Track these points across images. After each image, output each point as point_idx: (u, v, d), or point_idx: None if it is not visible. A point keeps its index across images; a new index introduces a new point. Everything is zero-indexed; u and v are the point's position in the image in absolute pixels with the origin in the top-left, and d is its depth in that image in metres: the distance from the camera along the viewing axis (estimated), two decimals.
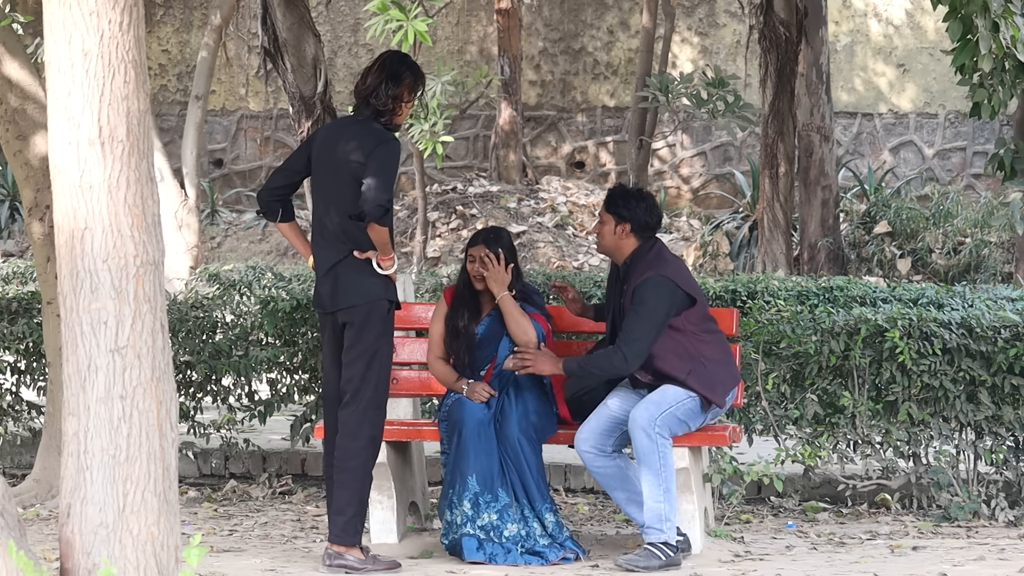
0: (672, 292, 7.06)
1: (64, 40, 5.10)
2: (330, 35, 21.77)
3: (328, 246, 7.04)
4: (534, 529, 7.13)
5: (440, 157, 14.40)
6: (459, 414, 7.20)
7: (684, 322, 7.10)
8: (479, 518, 7.10)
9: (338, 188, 7.00)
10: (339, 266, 6.99)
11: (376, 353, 6.95)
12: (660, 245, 7.25)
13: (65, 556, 5.07)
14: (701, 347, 7.11)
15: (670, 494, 6.96)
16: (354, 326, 6.96)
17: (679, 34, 21.14)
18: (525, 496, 7.15)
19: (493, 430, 7.18)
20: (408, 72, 7.13)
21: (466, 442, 7.15)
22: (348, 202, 6.95)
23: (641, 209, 7.21)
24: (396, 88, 7.08)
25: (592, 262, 18.92)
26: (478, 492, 7.12)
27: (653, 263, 7.13)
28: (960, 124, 20.78)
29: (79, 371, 5.08)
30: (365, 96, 7.12)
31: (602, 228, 7.27)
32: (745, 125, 15.05)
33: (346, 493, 6.93)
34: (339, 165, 7.02)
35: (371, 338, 6.94)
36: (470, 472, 7.12)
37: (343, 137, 7.09)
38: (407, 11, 8.47)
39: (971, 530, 7.92)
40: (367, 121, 7.08)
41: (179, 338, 9.29)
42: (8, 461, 9.75)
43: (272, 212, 7.21)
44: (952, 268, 16.97)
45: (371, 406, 6.95)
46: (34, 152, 8.73)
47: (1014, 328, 8.14)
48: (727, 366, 7.20)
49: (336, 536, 6.93)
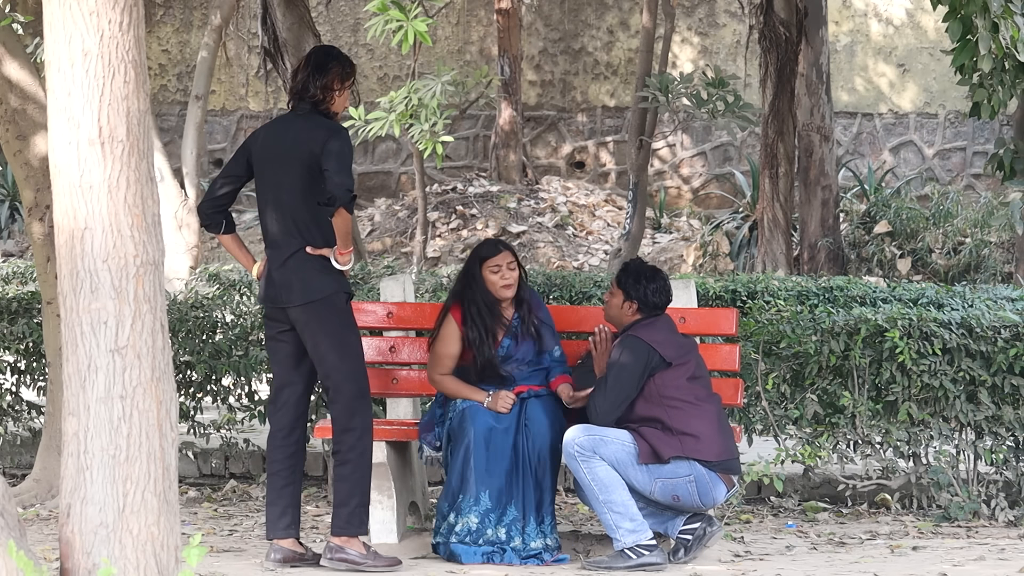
0: (646, 353, 7.05)
1: (64, 40, 5.10)
2: (330, 35, 21.76)
3: (278, 243, 7.02)
4: (534, 544, 7.13)
5: (440, 157, 14.38)
6: (471, 423, 7.17)
7: (658, 386, 7.06)
8: (484, 534, 7.10)
9: (291, 181, 6.98)
10: (291, 260, 6.97)
11: (343, 343, 6.94)
12: (660, 318, 7.25)
13: (65, 556, 5.06)
14: (672, 413, 7.04)
15: (611, 503, 6.96)
16: (312, 321, 6.93)
17: (679, 34, 21.13)
18: (535, 513, 7.13)
19: (510, 442, 7.16)
20: (334, 62, 7.16)
21: (476, 452, 7.12)
22: (305, 192, 6.94)
23: (651, 290, 7.22)
24: (323, 78, 7.10)
25: (592, 262, 18.92)
26: (489, 509, 7.10)
27: (638, 326, 7.16)
28: (960, 124, 20.77)
29: (79, 371, 5.08)
30: (298, 93, 7.14)
31: (611, 299, 7.30)
32: (745, 125, 15.04)
33: (347, 485, 6.94)
34: (289, 158, 6.99)
35: (333, 330, 6.93)
36: (483, 488, 7.09)
37: (289, 131, 7.08)
38: (407, 11, 8.47)
39: (971, 530, 7.92)
40: (308, 114, 7.09)
41: (179, 338, 9.29)
42: (8, 461, 9.75)
43: (216, 224, 7.17)
44: (952, 268, 16.96)
45: (355, 396, 6.95)
46: (34, 152, 8.73)
47: (1014, 328, 8.14)
48: (706, 440, 7.03)
49: (339, 528, 6.94)
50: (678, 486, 6.99)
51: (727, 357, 7.69)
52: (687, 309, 7.70)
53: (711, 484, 7.02)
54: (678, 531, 7.13)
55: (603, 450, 6.95)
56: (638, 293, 7.21)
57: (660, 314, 7.25)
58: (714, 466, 7.02)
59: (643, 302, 7.21)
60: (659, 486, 7.00)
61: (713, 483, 7.02)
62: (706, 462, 7.00)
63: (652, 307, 7.22)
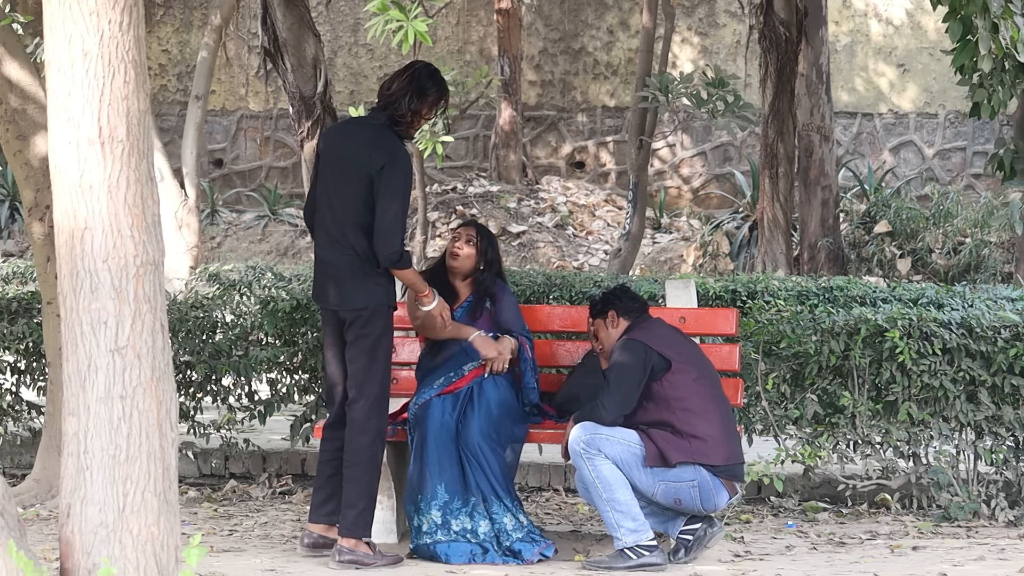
0: (643, 352, 7.05)
1: (64, 40, 5.10)
2: (330, 35, 21.77)
3: (331, 245, 7.07)
4: (505, 525, 7.15)
5: (440, 157, 14.41)
6: (424, 419, 7.25)
7: (666, 388, 7.06)
8: (451, 524, 7.14)
9: (344, 190, 7.04)
10: (344, 265, 7.02)
11: (378, 349, 7.02)
12: (653, 321, 7.25)
13: (65, 556, 5.06)
14: (682, 416, 7.03)
15: (614, 502, 6.97)
16: (356, 325, 7.03)
17: (679, 34, 21.14)
18: (493, 494, 7.18)
19: (454, 430, 7.22)
20: (434, 89, 7.15)
21: (430, 449, 7.21)
22: (352, 208, 7.01)
23: (614, 295, 7.30)
24: (419, 103, 7.11)
25: (592, 262, 18.93)
26: (447, 500, 7.18)
27: (632, 329, 7.16)
28: (960, 124, 20.78)
29: (79, 371, 5.08)
30: (386, 102, 7.12)
31: (598, 335, 7.32)
32: (745, 125, 15.04)
33: (357, 487, 7.01)
34: (347, 167, 7.05)
35: (374, 336, 7.02)
36: (438, 481, 7.19)
37: (354, 140, 7.11)
38: (407, 11, 8.47)
39: (971, 530, 7.92)
40: (381, 127, 7.09)
41: (179, 338, 9.29)
42: (8, 461, 9.75)
43: None
44: (952, 268, 16.97)
45: (377, 401, 7.04)
46: (34, 152, 8.73)
47: (1014, 328, 8.14)
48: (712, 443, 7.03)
49: (347, 530, 7.00)
50: (681, 490, 6.99)
51: (727, 357, 7.68)
52: (687, 309, 7.70)
53: (714, 490, 7.02)
54: (679, 531, 7.12)
55: (607, 449, 6.95)
56: (607, 305, 7.27)
57: (645, 315, 7.25)
58: (719, 471, 7.01)
59: (618, 307, 7.24)
60: (662, 489, 7.00)
61: (716, 490, 7.02)
62: (712, 467, 7.00)
63: (629, 305, 7.24)
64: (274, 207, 21.10)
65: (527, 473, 9.24)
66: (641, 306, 7.29)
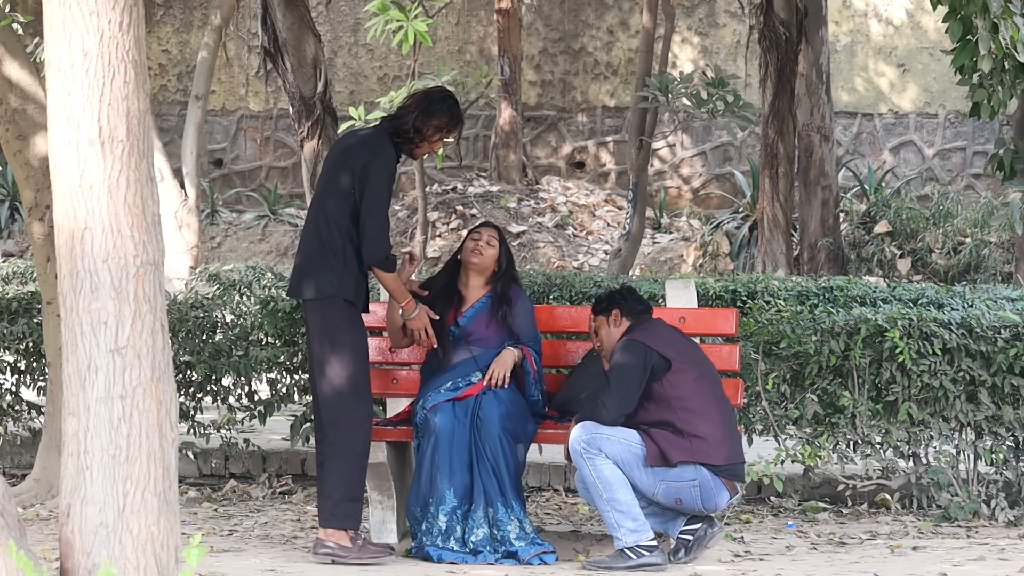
0: (643, 352, 7.05)
1: (64, 40, 5.10)
2: (330, 35, 21.77)
3: (309, 232, 7.15)
4: (509, 533, 7.14)
5: (440, 157, 14.40)
6: (435, 423, 7.22)
7: (666, 388, 7.07)
8: (454, 531, 7.13)
9: (327, 186, 7.13)
10: (311, 251, 7.09)
11: (338, 340, 7.02)
12: (655, 322, 7.25)
13: (65, 556, 5.06)
14: (683, 415, 7.03)
15: (615, 502, 6.96)
16: (312, 316, 7.07)
17: (679, 34, 21.14)
18: (501, 497, 7.15)
19: (467, 436, 7.20)
20: (442, 114, 7.20)
21: (442, 452, 7.17)
22: (331, 207, 7.08)
23: (619, 294, 7.30)
24: (423, 121, 7.17)
25: (592, 262, 18.93)
26: (455, 506, 7.16)
27: (633, 330, 7.17)
28: (960, 124, 20.78)
29: (79, 371, 5.08)
30: (394, 115, 7.25)
31: (599, 332, 7.31)
32: (745, 125, 15.05)
33: (332, 478, 7.02)
34: (334, 165, 7.17)
35: (331, 327, 7.02)
36: (448, 486, 7.16)
37: (350, 137, 7.26)
38: (407, 11, 8.48)
39: (971, 530, 7.92)
40: (380, 132, 7.20)
41: (179, 338, 9.29)
42: (8, 461, 9.75)
43: None
44: (952, 268, 16.97)
45: (348, 391, 7.01)
46: (34, 152, 8.73)
47: (1014, 328, 8.14)
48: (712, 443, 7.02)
49: (324, 520, 7.03)
50: (682, 490, 6.99)
51: (727, 357, 7.68)
52: (687, 309, 7.70)
53: (715, 490, 7.01)
54: (679, 531, 7.12)
55: (608, 448, 6.94)
56: (612, 304, 7.26)
57: (648, 316, 7.25)
58: (720, 471, 7.01)
59: (622, 306, 7.24)
60: (663, 488, 7.00)
61: (717, 489, 7.02)
62: (713, 466, 6.99)
63: (633, 307, 7.24)
64: (274, 207, 21.11)
65: (527, 473, 9.24)
66: (645, 308, 7.29)
